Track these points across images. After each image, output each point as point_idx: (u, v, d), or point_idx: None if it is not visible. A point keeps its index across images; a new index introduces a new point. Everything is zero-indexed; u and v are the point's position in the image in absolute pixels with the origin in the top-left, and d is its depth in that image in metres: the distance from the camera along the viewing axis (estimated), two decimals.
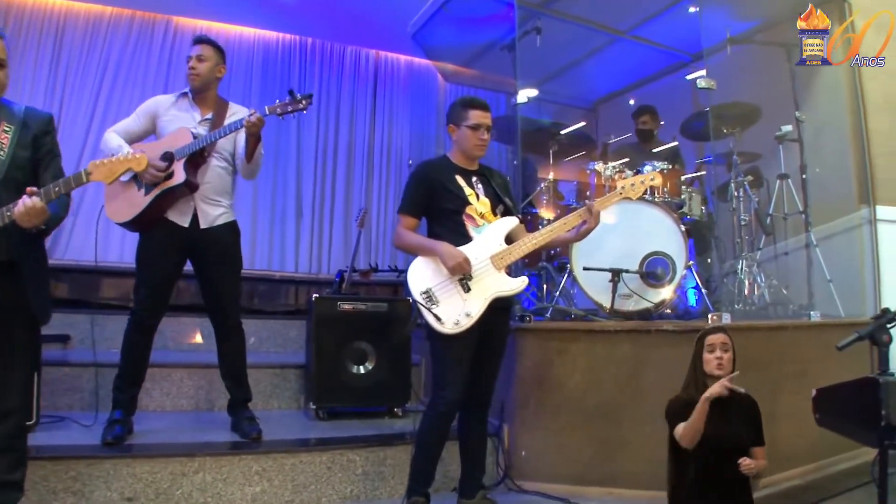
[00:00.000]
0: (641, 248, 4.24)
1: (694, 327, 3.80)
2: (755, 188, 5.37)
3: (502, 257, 3.20)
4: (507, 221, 3.31)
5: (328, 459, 3.54)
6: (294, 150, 7.68)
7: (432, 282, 3.15)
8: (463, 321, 3.09)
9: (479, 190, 3.35)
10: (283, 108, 3.54)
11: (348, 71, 8.12)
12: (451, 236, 3.23)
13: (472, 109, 3.33)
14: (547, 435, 3.93)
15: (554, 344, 3.97)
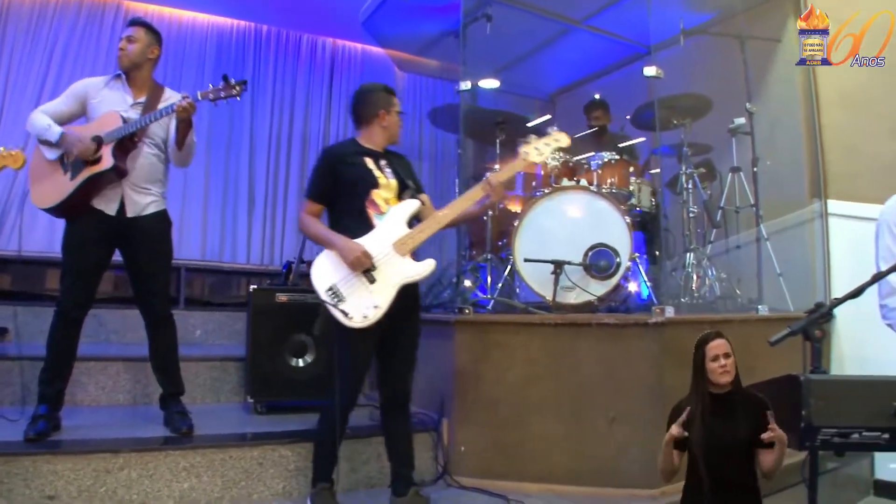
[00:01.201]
0: (586, 239, 4.16)
1: (635, 321, 3.76)
2: (708, 181, 5.34)
3: (404, 242, 3.13)
4: (408, 205, 3.24)
5: (259, 455, 3.44)
6: (247, 139, 7.51)
7: (336, 277, 3.09)
8: (371, 314, 3.04)
9: (386, 173, 3.29)
10: (216, 94, 3.43)
11: (304, 59, 7.96)
12: (354, 223, 3.18)
13: (394, 96, 3.37)
14: (486, 430, 3.85)
15: (492, 337, 3.89)
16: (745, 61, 5.20)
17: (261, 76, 7.67)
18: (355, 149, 3.33)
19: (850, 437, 1.86)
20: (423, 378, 4.21)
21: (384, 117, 3.33)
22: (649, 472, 3.61)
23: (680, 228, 5.02)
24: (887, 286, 2.55)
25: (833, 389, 1.90)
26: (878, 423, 1.85)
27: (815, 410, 1.85)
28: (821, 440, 1.87)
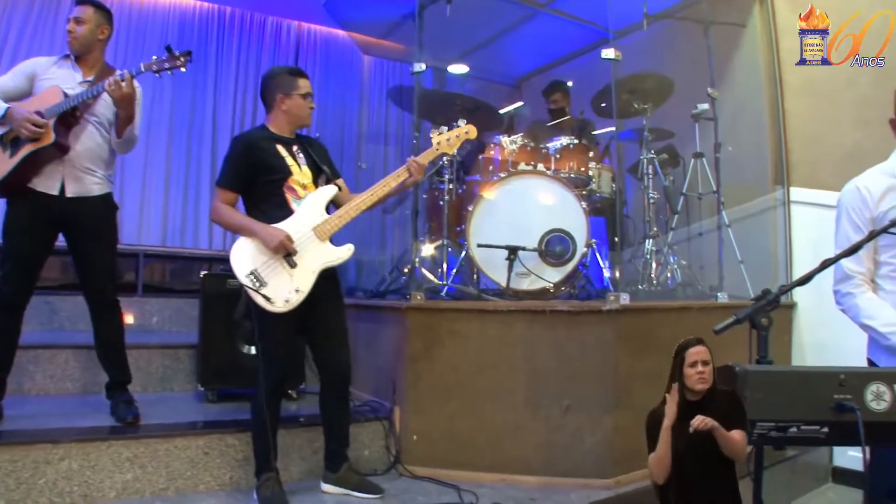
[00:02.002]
0: (542, 225, 4.10)
1: (590, 308, 3.71)
2: (671, 167, 5.29)
3: (324, 227, 3.17)
4: (325, 191, 3.28)
5: (205, 444, 3.35)
6: (210, 123, 7.39)
7: (256, 262, 3.09)
8: (293, 298, 3.08)
9: (300, 160, 3.30)
10: (160, 66, 3.36)
11: (269, 42, 7.82)
12: (273, 210, 3.19)
13: (300, 78, 3.32)
14: (438, 419, 3.79)
15: (445, 324, 3.82)
16: (708, 46, 5.14)
17: (224, 59, 7.56)
18: (266, 135, 3.32)
19: (789, 432, 1.79)
20: (375, 366, 4.20)
21: (283, 101, 3.29)
22: (604, 461, 3.62)
23: (641, 215, 4.97)
24: (841, 271, 2.51)
25: (771, 381, 1.81)
26: (818, 416, 1.78)
27: (751, 403, 1.77)
28: (757, 434, 1.79)
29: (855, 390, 1.79)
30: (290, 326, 3.17)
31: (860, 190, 2.53)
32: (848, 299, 2.50)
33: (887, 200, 2.46)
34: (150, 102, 6.80)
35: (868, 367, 2.35)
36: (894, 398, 1.80)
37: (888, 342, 2.34)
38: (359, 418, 3.77)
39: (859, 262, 2.47)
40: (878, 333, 2.37)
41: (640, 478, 3.66)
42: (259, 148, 3.23)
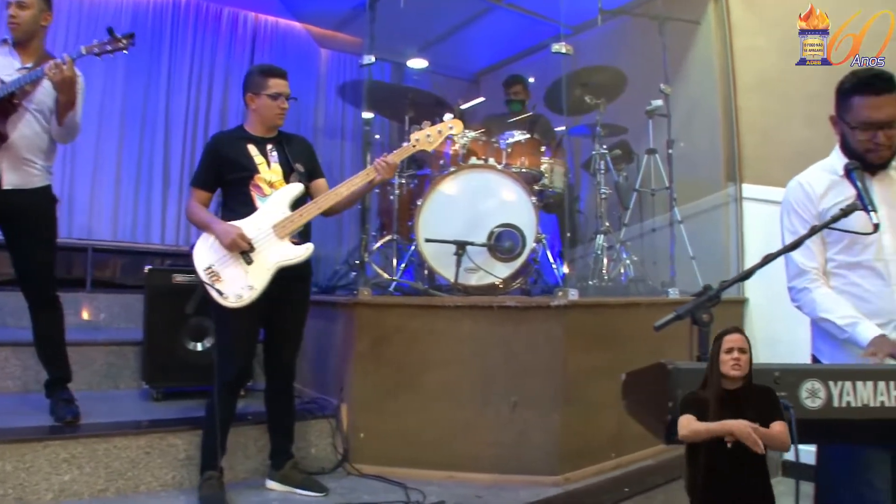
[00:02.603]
0: (491, 220, 4.06)
1: (537, 303, 3.69)
2: (624, 163, 5.29)
3: (284, 226, 3.16)
4: (291, 188, 3.26)
5: (146, 444, 3.27)
6: (163, 116, 7.21)
7: (214, 257, 3.12)
8: (246, 294, 3.08)
9: (271, 158, 3.30)
10: (102, 48, 3.27)
11: (224, 34, 7.65)
12: (239, 207, 3.23)
13: (271, 78, 3.31)
14: (386, 416, 3.75)
15: (392, 320, 3.78)
16: (663, 43, 5.14)
17: (178, 50, 7.36)
18: (239, 135, 3.35)
19: None
20: (324, 362, 4.17)
21: (253, 100, 3.33)
22: (552, 457, 3.60)
23: (594, 211, 4.95)
24: (795, 268, 2.50)
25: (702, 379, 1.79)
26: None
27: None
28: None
29: (789, 388, 1.77)
30: (248, 324, 3.18)
31: (804, 186, 2.53)
32: (804, 294, 2.49)
33: (829, 197, 2.46)
34: (102, 94, 6.65)
35: (806, 363, 2.34)
36: (829, 396, 1.77)
37: (845, 335, 2.33)
38: (306, 416, 3.73)
39: (812, 257, 2.47)
40: (836, 326, 2.36)
41: (589, 474, 3.68)
42: (227, 146, 3.26)
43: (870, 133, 2.33)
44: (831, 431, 1.83)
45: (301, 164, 3.33)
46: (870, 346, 2.21)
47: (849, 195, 2.27)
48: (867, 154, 2.37)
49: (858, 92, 2.35)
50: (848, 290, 2.42)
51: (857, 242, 2.37)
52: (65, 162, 6.43)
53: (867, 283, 2.39)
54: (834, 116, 2.49)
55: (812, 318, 2.48)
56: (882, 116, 2.30)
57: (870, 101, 2.32)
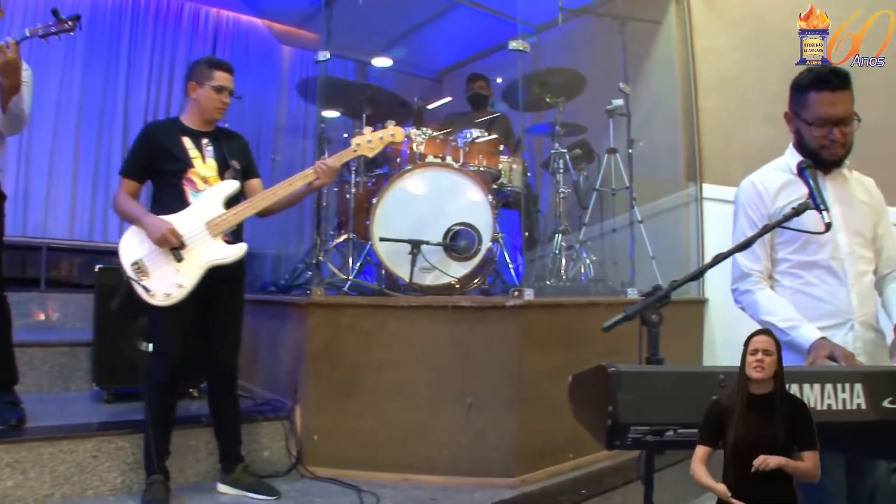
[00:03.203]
0: (447, 219, 4.01)
1: (492, 303, 3.66)
2: (585, 162, 5.28)
3: (218, 224, 3.07)
4: (226, 185, 3.18)
5: (94, 447, 3.19)
6: (121, 112, 7.07)
7: (142, 253, 3.02)
8: (175, 293, 2.99)
9: (207, 152, 3.21)
10: (46, 30, 3.13)
11: (185, 30, 7.53)
12: (171, 201, 3.11)
13: (217, 70, 3.22)
14: (340, 417, 3.68)
15: (345, 320, 3.72)
16: (623, 42, 5.14)
17: (138, 45, 7.23)
18: (175, 126, 3.25)
19: (665, 436, 1.69)
20: (278, 363, 4.11)
21: (194, 89, 3.23)
22: (508, 459, 3.56)
23: (553, 210, 4.93)
24: (738, 269, 2.48)
25: (645, 383, 1.72)
26: (696, 419, 1.68)
27: (623, 406, 1.66)
28: (632, 439, 1.69)
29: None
30: (182, 323, 3.08)
31: (756, 185, 2.51)
32: (746, 297, 2.47)
33: (783, 196, 2.44)
34: (59, 88, 6.54)
35: None
36: None
37: (787, 338, 2.30)
38: (258, 418, 3.67)
39: (756, 260, 2.44)
40: (778, 329, 2.33)
41: (546, 476, 3.64)
42: (161, 137, 3.16)
43: (826, 129, 2.32)
44: None
45: (237, 162, 3.25)
46: (811, 352, 2.18)
47: (802, 194, 2.24)
48: (822, 151, 2.35)
49: (815, 88, 2.33)
50: (803, 291, 2.40)
51: (812, 242, 2.35)
52: (20, 158, 6.30)
53: (823, 283, 2.37)
54: (789, 113, 2.47)
55: (755, 321, 2.45)
56: (838, 112, 2.29)
57: (826, 97, 2.31)
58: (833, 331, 2.30)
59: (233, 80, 3.27)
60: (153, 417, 3.07)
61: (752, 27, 4.96)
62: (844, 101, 2.31)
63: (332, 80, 4.77)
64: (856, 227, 2.40)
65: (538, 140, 5.91)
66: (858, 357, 2.30)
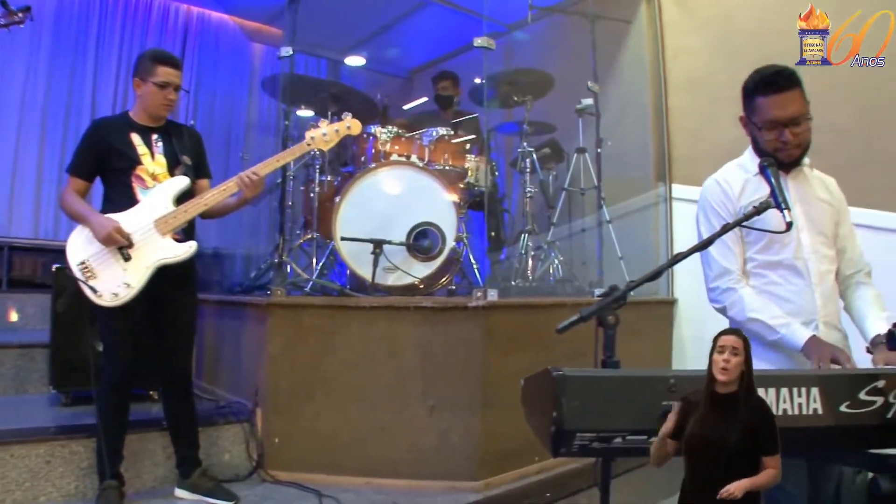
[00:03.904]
0: (410, 218, 3.95)
1: (455, 304, 3.62)
2: (554, 162, 5.25)
3: (167, 221, 3.00)
4: (175, 182, 3.10)
5: (47, 452, 3.11)
6: (88, 109, 6.92)
7: (89, 252, 2.97)
8: (122, 293, 2.93)
9: (157, 149, 3.13)
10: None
11: (155, 25, 7.40)
12: (120, 199, 3.04)
13: (160, 65, 3.11)
14: (301, 420, 3.62)
15: (307, 321, 3.66)
16: (593, 41, 5.10)
17: (106, 42, 7.09)
18: (124, 122, 3.17)
19: (612, 443, 1.64)
20: (239, 365, 4.03)
21: (139, 85, 3.15)
22: (472, 462, 3.51)
23: (521, 210, 4.89)
24: (718, 267, 2.44)
25: (591, 387, 1.65)
26: (645, 425, 1.63)
27: (568, 412, 1.60)
28: (578, 446, 1.64)
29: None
30: (132, 323, 3.01)
31: (721, 184, 2.48)
32: (730, 294, 2.42)
33: (746, 195, 2.41)
34: (23, 85, 6.41)
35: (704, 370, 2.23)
36: None
37: (776, 336, 2.27)
38: (219, 421, 3.61)
39: (734, 257, 2.41)
40: (767, 327, 2.29)
41: (509, 479, 3.60)
42: (109, 134, 3.08)
43: (776, 132, 2.28)
44: None
45: (189, 158, 3.18)
46: (813, 354, 2.14)
47: (764, 193, 2.21)
48: (777, 153, 2.31)
49: (761, 91, 2.31)
50: (768, 291, 2.37)
51: (775, 241, 2.32)
52: None
53: (788, 283, 2.35)
54: (743, 117, 2.44)
55: (738, 319, 2.40)
56: (787, 114, 2.26)
57: (773, 100, 2.28)
58: None
59: (179, 74, 3.17)
60: (105, 420, 3.00)
61: (723, 27, 4.96)
62: (793, 101, 2.27)
63: (296, 77, 4.70)
64: (818, 225, 2.38)
65: (509, 140, 5.88)
66: None
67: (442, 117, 5.12)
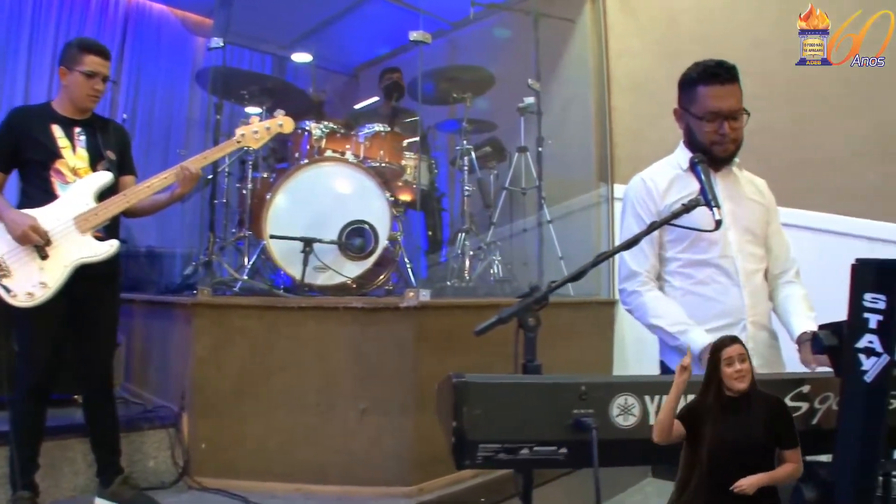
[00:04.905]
0: (342, 216, 3.86)
1: (385, 304, 3.55)
2: (496, 160, 5.20)
3: (87, 218, 2.86)
4: (97, 177, 2.97)
5: None
6: (20, 102, 6.68)
7: (2, 249, 2.78)
8: (38, 293, 2.77)
9: (79, 142, 2.99)
10: None
11: (93, 17, 7.16)
12: (38, 194, 2.89)
13: (89, 54, 2.98)
14: (228, 424, 3.51)
15: (234, 322, 3.55)
16: (536, 39, 5.07)
17: (40, 33, 6.85)
18: (45, 112, 3.04)
19: (519, 454, 1.56)
20: (166, 367, 3.91)
21: (64, 75, 3.02)
22: (405, 467, 3.44)
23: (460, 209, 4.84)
24: (626, 269, 2.42)
25: (496, 395, 1.57)
26: (554, 435, 1.55)
27: (469, 421, 1.52)
28: (482, 457, 1.55)
29: (599, 403, 1.59)
30: (46, 326, 2.88)
31: (645, 182, 2.46)
32: (634, 298, 2.40)
33: (673, 192, 2.39)
34: None
35: (619, 375, 2.15)
36: (644, 412, 1.62)
37: (676, 342, 2.25)
38: (143, 426, 3.48)
39: (644, 259, 2.38)
40: (667, 333, 2.28)
41: (444, 484, 3.52)
42: (28, 124, 2.95)
43: (716, 123, 2.28)
44: (647, 452, 1.63)
45: (113, 153, 3.05)
46: (704, 357, 2.10)
47: (692, 190, 2.19)
48: (713, 147, 2.30)
49: (704, 81, 2.30)
50: (694, 291, 2.35)
51: (702, 239, 2.29)
52: None
53: (714, 282, 2.33)
54: (678, 110, 2.44)
55: (642, 323, 2.38)
56: (727, 106, 2.27)
57: (715, 91, 2.28)
58: (726, 331, 2.24)
59: (107, 64, 3.05)
60: (18, 427, 2.88)
61: (666, 29, 4.97)
62: (733, 94, 2.28)
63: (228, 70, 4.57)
64: (746, 224, 2.37)
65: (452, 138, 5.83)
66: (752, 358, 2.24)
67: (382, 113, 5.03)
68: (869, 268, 1.62)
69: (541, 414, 1.56)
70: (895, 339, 1.62)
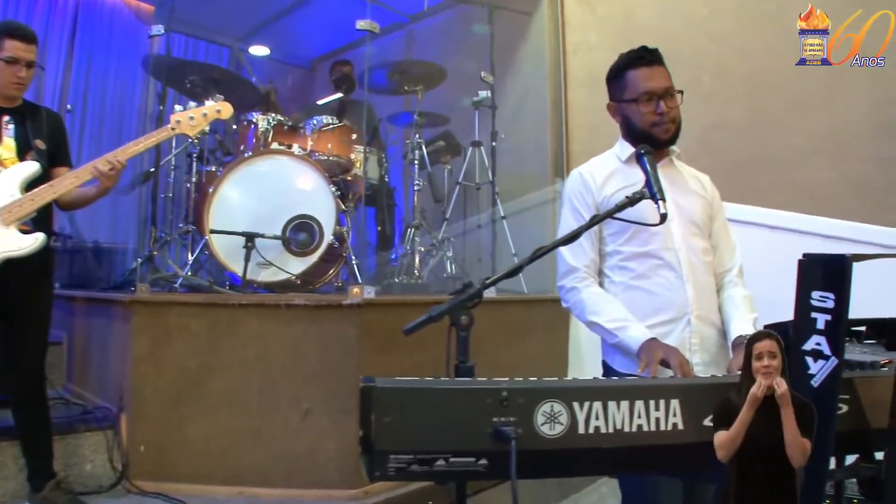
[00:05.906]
0: (286, 210, 3.78)
1: (329, 302, 3.46)
2: (450, 155, 5.13)
3: (11, 210, 2.73)
4: (23, 167, 2.84)
5: None
6: None
7: None
8: None
9: (6, 132, 2.89)
10: None
11: (42, 6, 6.93)
12: None
13: (8, 39, 2.85)
14: (168, 427, 3.41)
15: (172, 319, 3.45)
16: (491, 32, 5.01)
17: None
18: None
19: (435, 465, 1.43)
20: (104, 367, 3.81)
21: None
22: (349, 469, 3.34)
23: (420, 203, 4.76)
24: (564, 265, 2.34)
25: (408, 401, 1.44)
26: (473, 445, 1.44)
27: (378, 430, 1.40)
28: (394, 469, 1.42)
29: (522, 410, 1.46)
30: None
31: (583, 175, 2.40)
32: (573, 295, 2.33)
33: (611, 185, 2.33)
34: None
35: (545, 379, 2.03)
36: (572, 420, 1.49)
37: (615, 339, 2.17)
38: (80, 428, 3.38)
39: (583, 254, 2.30)
40: (605, 330, 2.21)
41: (389, 487, 3.44)
42: None
43: (653, 103, 2.24)
44: (575, 463, 1.55)
45: (43, 142, 2.93)
46: (641, 354, 2.05)
47: (633, 182, 2.15)
48: (653, 129, 2.26)
49: (631, 66, 2.30)
50: (635, 285, 2.27)
51: (643, 230, 2.21)
52: None
53: (656, 275, 2.26)
54: (611, 104, 2.42)
55: (581, 321, 2.32)
56: (660, 84, 2.24)
57: (645, 73, 2.27)
58: (669, 326, 2.20)
59: (32, 49, 2.91)
60: None
61: (622, 24, 4.93)
62: (662, 75, 2.27)
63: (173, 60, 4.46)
64: (689, 216, 2.31)
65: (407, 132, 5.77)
66: (696, 354, 2.21)
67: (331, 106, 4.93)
68: (816, 264, 1.57)
69: (458, 422, 1.45)
70: (843, 340, 1.58)
